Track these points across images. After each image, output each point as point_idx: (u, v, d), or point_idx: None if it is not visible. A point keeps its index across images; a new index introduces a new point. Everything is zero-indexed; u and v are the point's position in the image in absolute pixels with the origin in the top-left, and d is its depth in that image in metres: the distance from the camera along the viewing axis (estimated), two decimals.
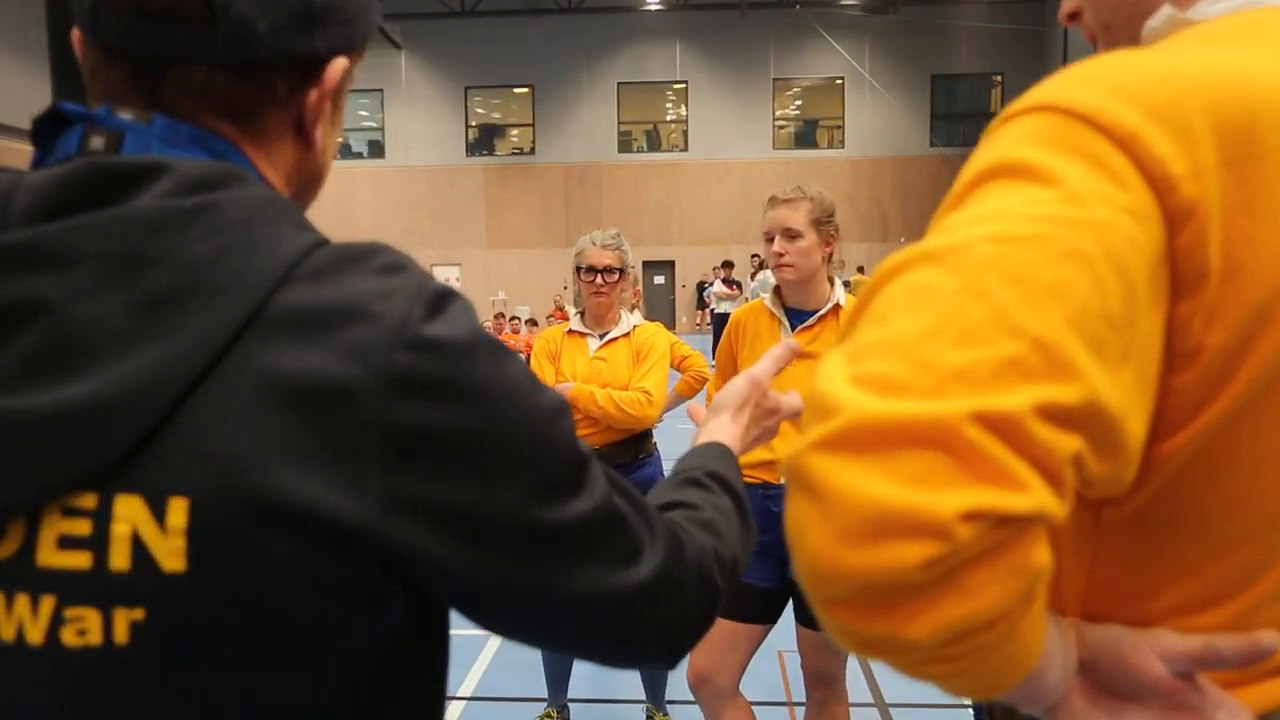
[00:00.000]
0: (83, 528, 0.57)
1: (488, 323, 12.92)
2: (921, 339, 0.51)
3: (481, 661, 3.99)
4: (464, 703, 3.61)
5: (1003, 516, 0.47)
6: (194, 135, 0.65)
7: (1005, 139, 0.61)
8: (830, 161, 23.65)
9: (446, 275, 24.46)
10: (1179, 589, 0.65)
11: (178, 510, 0.57)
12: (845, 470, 0.49)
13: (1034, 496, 0.48)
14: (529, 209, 24.42)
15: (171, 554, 0.57)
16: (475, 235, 24.50)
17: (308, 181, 0.76)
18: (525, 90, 24.49)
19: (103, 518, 0.57)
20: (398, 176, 24.48)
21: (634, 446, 3.13)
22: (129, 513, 0.57)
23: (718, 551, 0.79)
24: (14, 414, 0.56)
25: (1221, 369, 0.58)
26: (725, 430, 0.98)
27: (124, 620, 0.57)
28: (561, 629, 0.70)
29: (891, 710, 3.47)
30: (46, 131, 0.66)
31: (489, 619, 0.69)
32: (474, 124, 24.82)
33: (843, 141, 24.08)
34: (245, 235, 0.61)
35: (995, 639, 0.50)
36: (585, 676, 3.79)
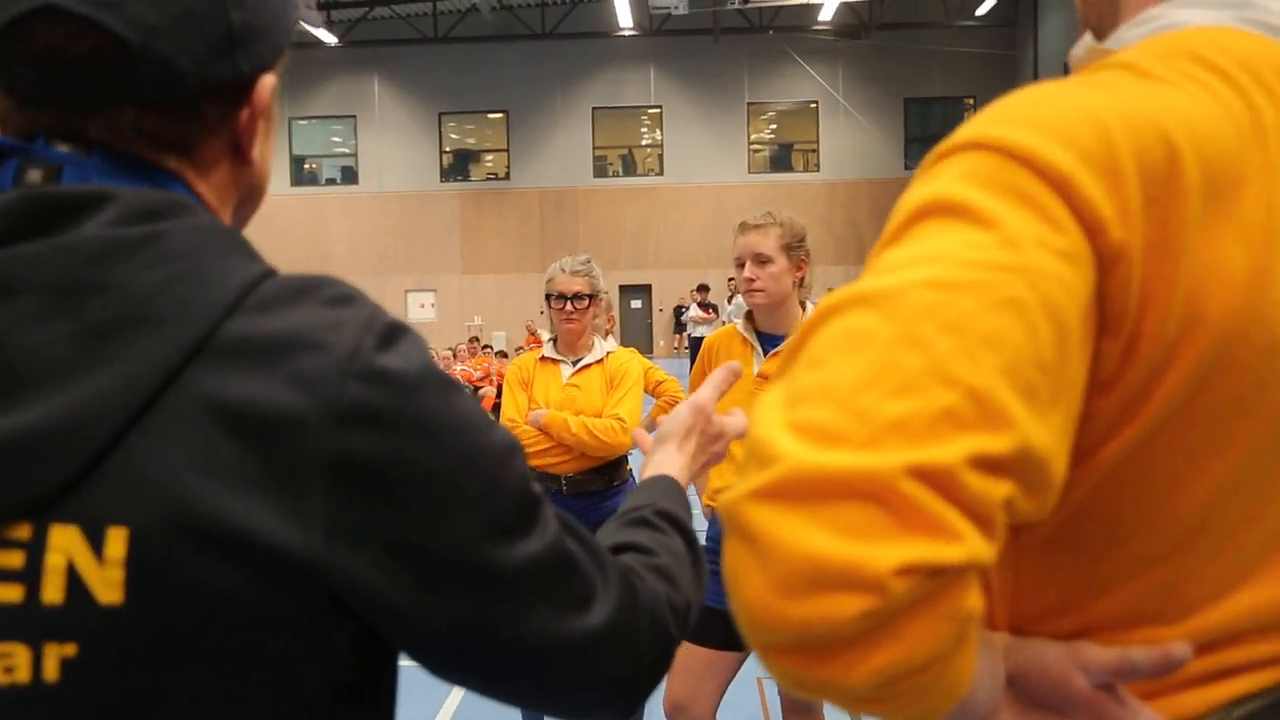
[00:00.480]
0: (15, 560, 0.56)
1: (462, 346, 12.88)
2: (858, 388, 0.51)
3: (455, 696, 3.95)
4: None
5: (936, 568, 0.48)
6: (135, 165, 0.64)
7: (941, 176, 0.62)
8: (805, 185, 23.85)
9: (422, 301, 24.43)
10: (1100, 605, 0.67)
11: (116, 540, 0.56)
12: (783, 521, 0.49)
13: (967, 546, 0.48)
14: (505, 234, 24.44)
15: (108, 585, 0.56)
16: (451, 261, 24.48)
17: (247, 196, 0.76)
18: (500, 115, 24.57)
19: (37, 549, 0.56)
20: (371, 203, 24.44)
21: (608, 474, 3.12)
22: (64, 543, 0.56)
23: (671, 599, 0.77)
24: None
25: (1135, 395, 0.60)
26: (672, 461, 0.97)
27: (54, 656, 0.56)
28: (509, 675, 0.68)
29: None
30: None
31: (435, 661, 0.67)
32: (448, 149, 24.86)
33: (818, 165, 24.30)
34: (192, 265, 0.60)
35: (929, 680, 0.51)
36: None
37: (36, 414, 0.55)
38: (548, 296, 3.18)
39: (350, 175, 24.72)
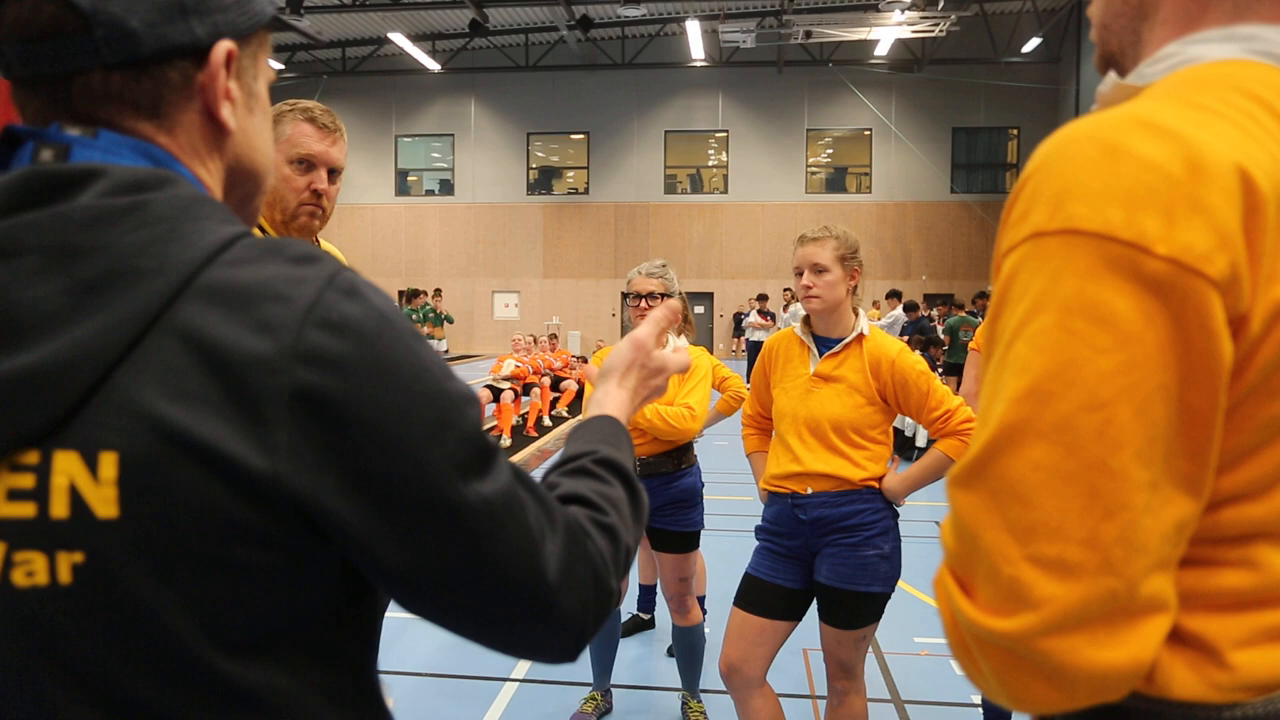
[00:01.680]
0: (27, 481, 0.59)
1: (543, 337, 12.90)
2: (1078, 520, 0.59)
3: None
4: (515, 685, 3.64)
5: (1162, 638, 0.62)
6: (136, 146, 0.66)
7: (1056, 270, 0.61)
8: (858, 205, 23.57)
9: (506, 301, 24.69)
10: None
11: (108, 463, 0.59)
12: (1069, 649, 0.60)
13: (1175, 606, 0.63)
14: (582, 244, 24.59)
15: (104, 502, 0.59)
16: (533, 266, 24.70)
17: (243, 176, 0.75)
18: (581, 137, 24.72)
19: (44, 472, 0.59)
20: (465, 212, 24.79)
21: (677, 457, 3.16)
22: (66, 466, 0.59)
23: (614, 551, 0.75)
24: None
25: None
26: (613, 398, 0.94)
27: (66, 562, 0.59)
28: (460, 610, 0.67)
29: (907, 706, 3.45)
30: (2, 150, 0.67)
31: (393, 590, 0.67)
32: (534, 166, 25.08)
33: (870, 187, 23.99)
34: (173, 228, 0.62)
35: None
36: (627, 665, 3.82)
37: (36, 356, 0.58)
38: (625, 296, 3.23)
39: (447, 187, 25.08)
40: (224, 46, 0.69)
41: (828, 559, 2.45)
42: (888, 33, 19.40)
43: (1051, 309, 0.60)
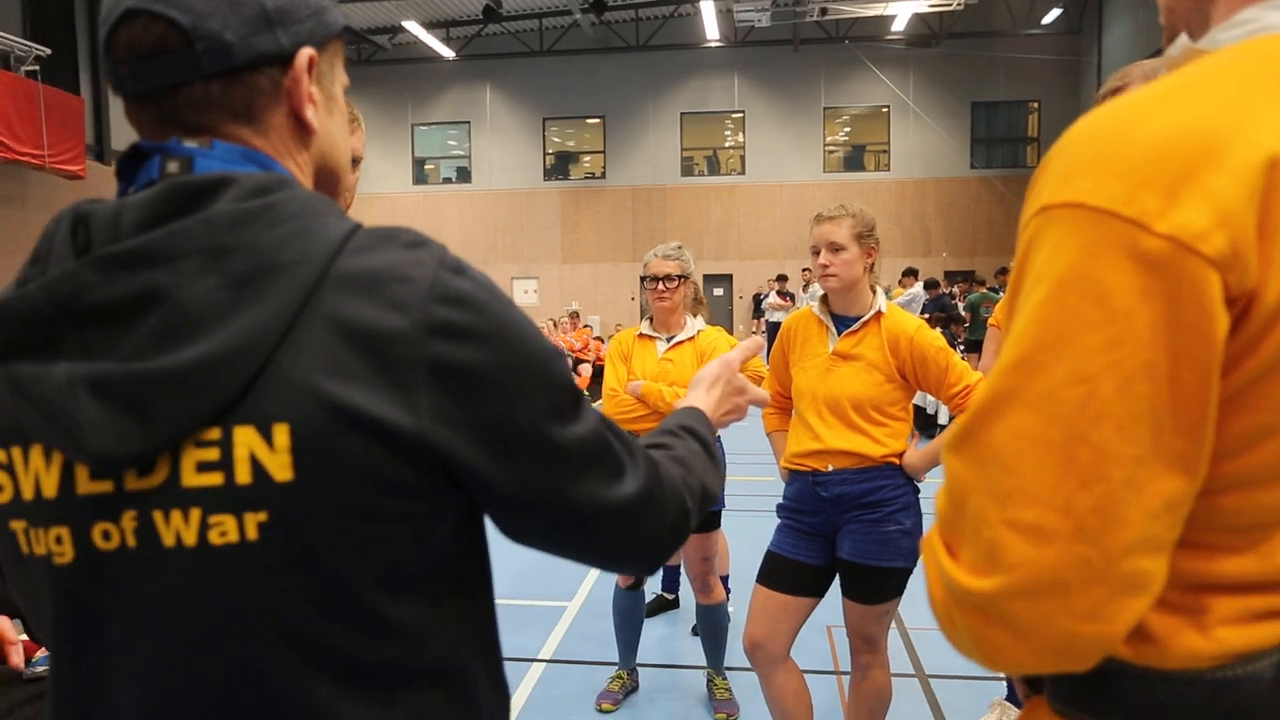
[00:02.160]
0: (213, 454, 0.68)
1: (564, 319, 12.93)
2: (1054, 487, 0.61)
3: (559, 629, 4.07)
4: (544, 665, 3.69)
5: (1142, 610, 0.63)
6: (245, 154, 0.75)
7: (1058, 244, 0.62)
8: (876, 183, 23.40)
9: (526, 287, 24.73)
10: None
11: (281, 433, 0.67)
12: (1037, 611, 0.62)
13: (1159, 583, 0.63)
14: (600, 228, 24.57)
15: (281, 467, 0.68)
16: (551, 251, 24.72)
17: (327, 173, 0.84)
18: (597, 120, 24.66)
19: (226, 445, 0.68)
20: (483, 199, 24.82)
21: None
22: (245, 439, 0.68)
23: (687, 481, 0.89)
24: (156, 373, 0.66)
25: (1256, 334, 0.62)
26: (700, 399, 1.08)
27: (253, 522, 0.68)
28: (563, 532, 0.80)
29: (930, 680, 3.48)
30: (128, 165, 0.76)
31: (508, 519, 0.78)
32: (551, 151, 25.05)
33: (888, 165, 23.79)
34: (302, 224, 0.70)
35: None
36: (652, 644, 3.86)
37: (209, 345, 0.66)
38: (643, 279, 3.25)
39: (464, 175, 25.11)
40: (306, 53, 0.77)
41: (850, 535, 2.47)
42: (905, 8, 19.19)
43: (1048, 282, 0.62)
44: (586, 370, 11.77)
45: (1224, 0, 0.72)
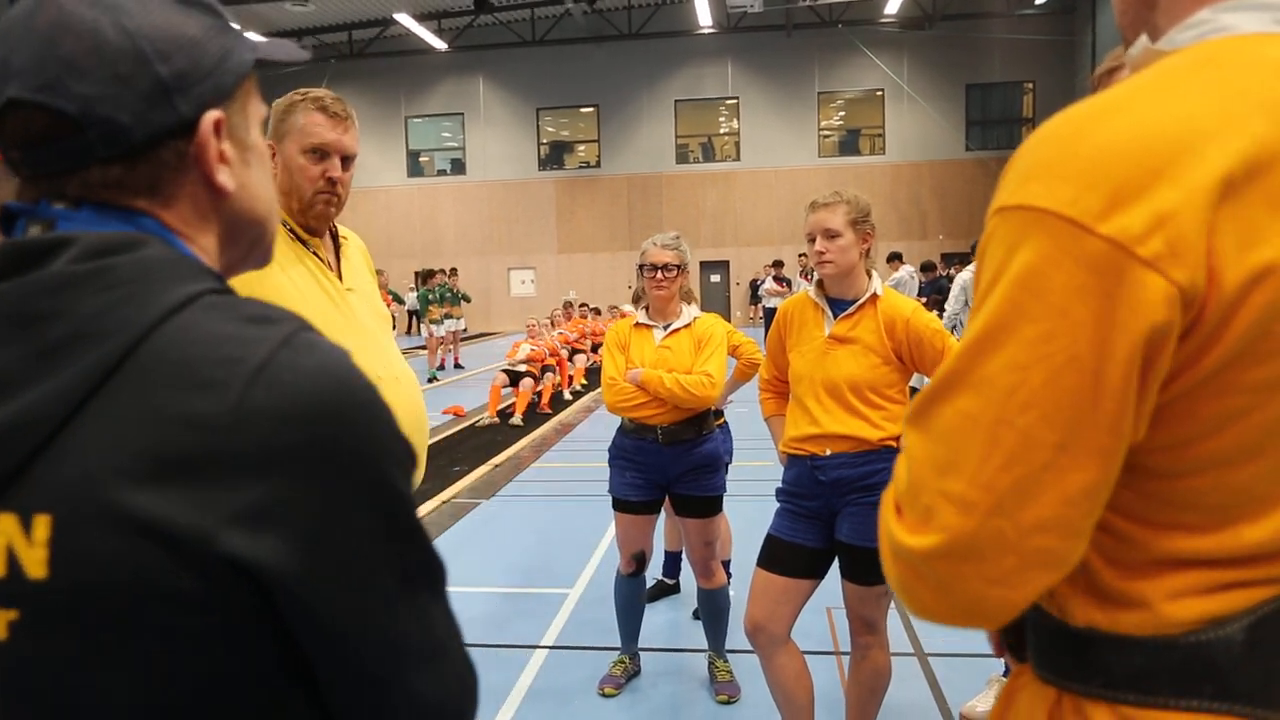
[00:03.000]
0: None
1: (558, 311, 12.87)
2: (979, 464, 0.66)
3: (561, 616, 4.10)
4: (546, 651, 3.72)
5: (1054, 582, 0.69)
6: (120, 214, 0.68)
7: (1011, 243, 0.66)
8: (872, 167, 23.38)
9: (523, 278, 24.76)
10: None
11: (42, 525, 0.59)
12: (956, 574, 0.68)
13: (1071, 562, 0.69)
14: (596, 217, 24.56)
15: (36, 563, 0.59)
16: (548, 242, 24.72)
17: (247, 226, 0.75)
18: (591, 110, 24.62)
19: None
20: (478, 190, 24.79)
21: (698, 424, 3.20)
22: (5, 528, 0.60)
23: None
24: None
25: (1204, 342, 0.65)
26: None
27: (3, 619, 0.60)
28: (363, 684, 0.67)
29: (929, 659, 3.51)
30: (6, 226, 0.69)
31: (321, 656, 0.65)
32: (545, 141, 25.02)
33: (884, 148, 23.78)
34: (132, 290, 0.62)
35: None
36: (654, 629, 3.89)
37: None
38: (640, 267, 3.26)
39: (459, 166, 25.08)
40: (210, 117, 0.69)
41: (848, 518, 2.49)
42: None
43: (1000, 278, 0.66)
44: (582, 361, 11.79)
45: (1165, 5, 0.74)
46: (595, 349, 12.40)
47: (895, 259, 12.61)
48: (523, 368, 10.04)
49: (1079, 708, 0.73)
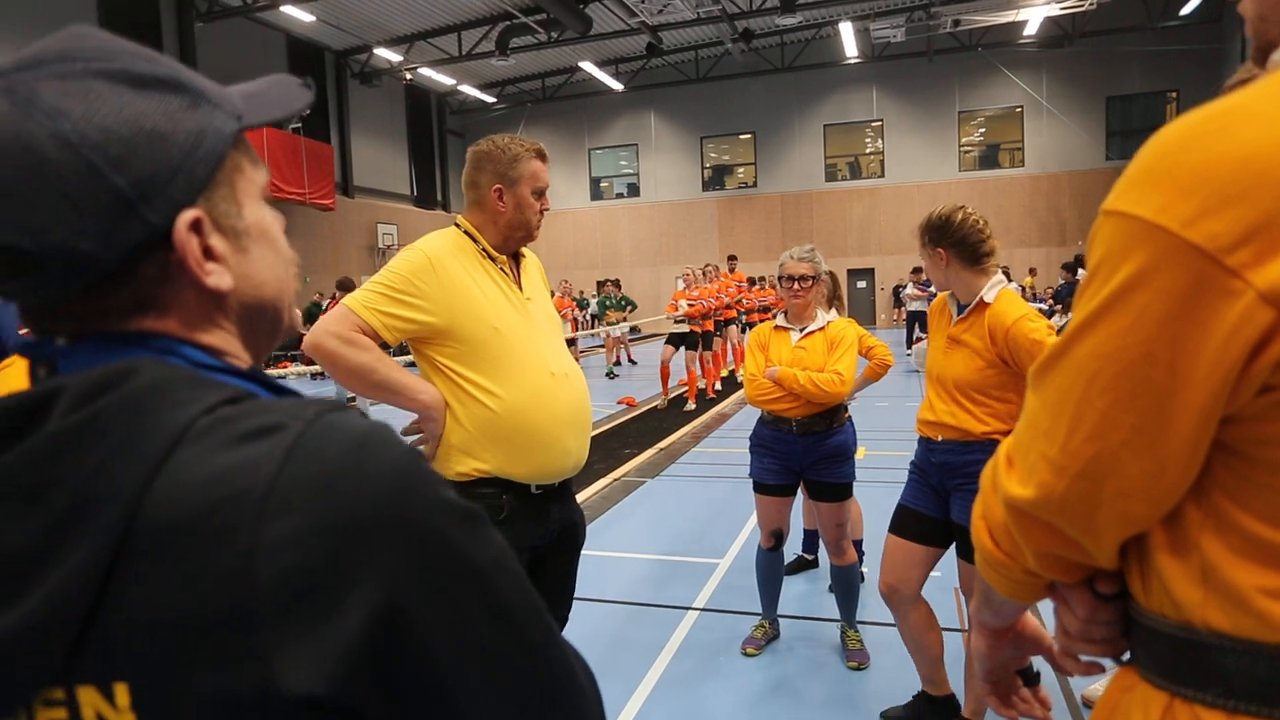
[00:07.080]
0: (61, 714, 0.52)
1: (710, 267, 11.26)
2: (1070, 434, 0.66)
3: (711, 582, 4.12)
4: (697, 613, 3.75)
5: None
6: (124, 338, 0.56)
7: (1108, 243, 0.63)
8: (1011, 179, 22.00)
9: None
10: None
11: (121, 692, 0.51)
12: (1033, 528, 0.71)
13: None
14: (753, 231, 24.37)
15: None
16: (710, 254, 24.71)
17: (259, 313, 0.62)
18: (748, 136, 24.43)
19: (72, 705, 0.52)
20: (650, 210, 25.14)
21: (829, 417, 3.14)
22: (89, 699, 0.52)
23: None
24: None
25: None
26: None
27: None
28: None
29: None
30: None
31: None
32: (708, 165, 25.04)
33: (1023, 161, 22.30)
34: (120, 439, 0.51)
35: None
36: (793, 599, 3.84)
37: (27, 605, 0.50)
38: (779, 279, 3.24)
39: (634, 190, 25.51)
40: (184, 219, 0.55)
41: (957, 500, 2.43)
42: (1036, 13, 17.92)
43: (1095, 275, 0.65)
44: (735, 336, 11.27)
45: None
46: (748, 323, 11.95)
47: (1031, 274, 11.83)
48: (685, 327, 9.70)
49: (1195, 715, 0.64)
